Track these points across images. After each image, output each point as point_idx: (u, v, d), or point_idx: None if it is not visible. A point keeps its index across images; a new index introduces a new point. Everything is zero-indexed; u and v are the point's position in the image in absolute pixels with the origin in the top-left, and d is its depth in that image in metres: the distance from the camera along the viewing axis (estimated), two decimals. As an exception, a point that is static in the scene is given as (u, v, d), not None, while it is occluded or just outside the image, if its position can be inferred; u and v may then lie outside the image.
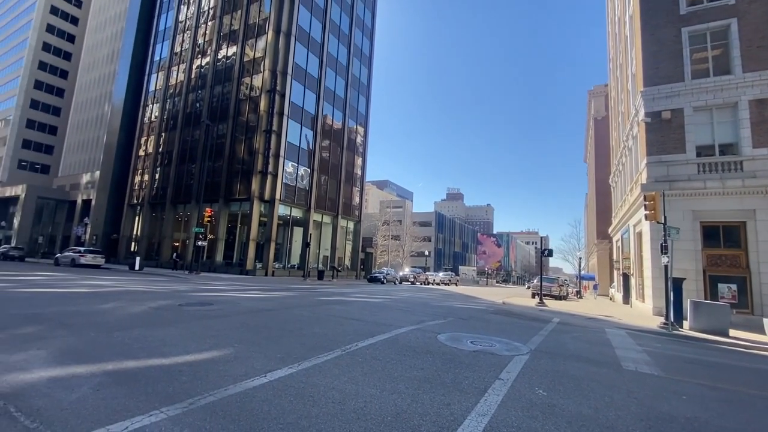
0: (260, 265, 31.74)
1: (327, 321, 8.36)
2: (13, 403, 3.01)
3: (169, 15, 44.98)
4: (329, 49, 40.41)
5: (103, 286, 13.53)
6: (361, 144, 46.59)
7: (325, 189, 39.43)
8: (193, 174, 36.51)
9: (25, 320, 6.37)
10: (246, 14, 36.88)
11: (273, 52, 33.85)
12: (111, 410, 3.00)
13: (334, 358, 5.08)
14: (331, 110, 40.50)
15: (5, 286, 11.33)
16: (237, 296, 12.57)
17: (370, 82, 48.73)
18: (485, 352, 6.25)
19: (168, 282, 17.95)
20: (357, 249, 45.28)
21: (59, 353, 4.50)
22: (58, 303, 8.60)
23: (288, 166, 34.19)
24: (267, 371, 4.25)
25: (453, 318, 10.60)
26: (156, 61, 44.94)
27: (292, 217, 35.38)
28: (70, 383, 3.53)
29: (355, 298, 15.05)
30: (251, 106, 34.15)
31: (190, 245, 32.88)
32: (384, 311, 11.13)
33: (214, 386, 3.66)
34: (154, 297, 10.82)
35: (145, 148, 42.63)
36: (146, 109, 44.15)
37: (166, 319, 7.23)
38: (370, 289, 23.59)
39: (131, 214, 42.30)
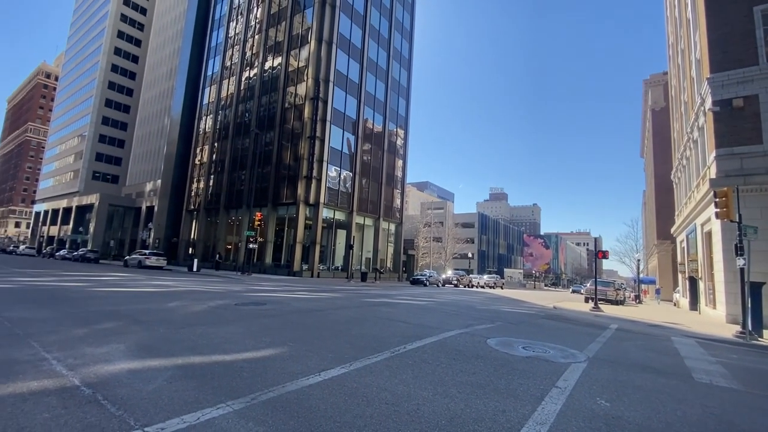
0: (306, 267, 32.76)
1: (374, 322, 8.46)
2: (101, 392, 3.34)
3: (219, 32, 47.93)
4: (369, 54, 40.97)
5: (167, 286, 14.64)
6: (401, 146, 46.69)
7: (367, 192, 39.92)
8: (243, 180, 38.53)
9: (104, 317, 7.05)
10: (290, 26, 38.39)
11: (316, 60, 34.93)
12: (183, 401, 3.24)
13: (384, 359, 5.13)
14: (371, 114, 41.00)
15: (86, 286, 12.61)
16: (287, 296, 13.06)
17: (410, 85, 48.74)
18: (539, 358, 6.01)
19: (223, 283, 19.04)
20: (399, 251, 45.36)
21: (135, 347, 4.93)
22: (131, 301, 9.43)
23: (331, 170, 35.04)
24: (321, 370, 4.38)
25: (502, 322, 10.29)
26: (209, 75, 48.02)
27: (335, 219, 36.19)
28: (147, 375, 3.85)
29: (399, 300, 15.09)
30: (296, 114, 35.44)
31: (242, 248, 34.68)
32: (430, 314, 11.05)
33: (273, 383, 3.83)
34: (212, 297, 11.54)
35: (201, 157, 45.62)
36: (201, 120, 47.28)
37: (224, 318, 7.69)
38: (413, 292, 23.52)
39: (189, 218, 45.39)
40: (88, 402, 3.09)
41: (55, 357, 4.29)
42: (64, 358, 4.29)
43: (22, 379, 3.53)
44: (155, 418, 2.89)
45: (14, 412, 2.81)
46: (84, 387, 3.41)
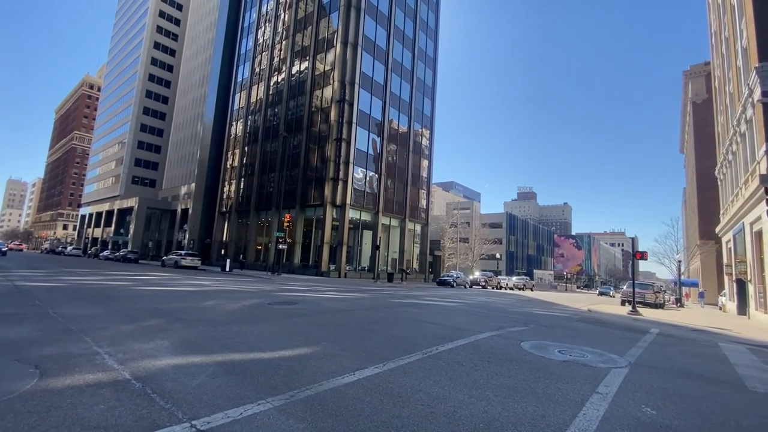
0: (333, 267, 33.17)
1: (404, 323, 8.46)
2: (150, 386, 3.52)
3: (249, 39, 49.40)
4: (394, 55, 41.05)
5: (203, 285, 15.22)
6: (427, 146, 46.46)
7: (392, 192, 39.98)
8: (272, 182, 39.52)
9: (148, 314, 7.42)
10: (316, 30, 39.06)
11: (341, 63, 35.35)
12: (226, 397, 3.36)
13: (417, 360, 5.12)
14: (396, 115, 41.05)
15: (129, 285, 13.31)
16: (316, 296, 13.28)
17: (435, 84, 48.44)
18: (577, 362, 5.82)
19: (254, 282, 19.59)
20: (425, 252, 45.11)
21: (178, 344, 5.16)
22: (171, 300, 9.88)
23: (357, 171, 35.35)
24: (355, 369, 4.42)
25: (535, 325, 10.04)
26: (239, 81, 49.60)
27: (361, 220, 36.46)
28: (191, 371, 4.02)
29: (427, 302, 15.01)
30: (322, 117, 36.00)
31: (271, 248, 35.56)
32: (459, 315, 10.93)
33: (310, 381, 3.90)
34: (246, 296, 11.90)
35: (232, 161, 47.17)
36: (232, 125, 48.89)
37: (259, 317, 7.91)
38: (441, 293, 23.32)
39: (221, 220, 47.02)
40: (138, 395, 3.26)
41: (106, 351, 4.56)
42: (114, 352, 4.55)
43: (78, 372, 3.77)
44: (201, 412, 3.01)
45: (74, 404, 3.00)
46: (134, 381, 3.60)
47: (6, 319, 6.14)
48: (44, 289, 10.60)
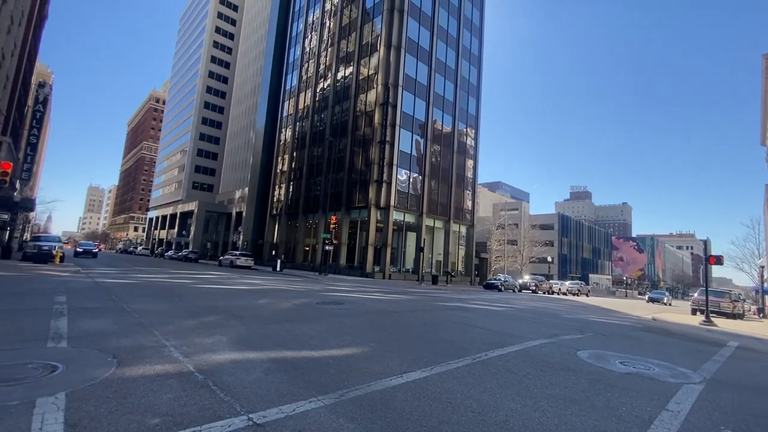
0: (378, 269, 33.45)
1: (450, 327, 8.31)
2: (211, 378, 3.74)
3: (296, 48, 51.42)
4: (437, 54, 40.70)
5: (256, 284, 16.01)
6: (472, 146, 45.47)
7: (437, 194, 39.57)
8: (319, 186, 40.74)
9: (208, 311, 7.94)
10: (360, 36, 39.75)
11: (385, 66, 35.66)
12: (279, 393, 3.49)
13: (466, 365, 5.00)
14: (440, 115, 40.62)
15: (190, 282, 14.33)
16: (362, 297, 13.45)
17: (480, 82, 47.32)
18: (641, 375, 5.37)
19: (303, 282, 20.28)
20: (470, 254, 44.12)
21: (235, 340, 5.46)
22: (228, 297, 10.49)
23: (401, 173, 35.42)
24: (402, 372, 4.41)
25: (592, 333, 9.42)
26: (287, 89, 51.75)
27: (405, 222, 36.45)
28: (247, 366, 4.23)
29: (474, 305, 14.65)
30: (366, 120, 36.53)
31: (318, 249, 36.63)
32: (509, 321, 10.55)
33: (358, 381, 3.95)
34: (296, 295, 12.34)
35: (281, 166, 49.29)
36: (281, 132, 51.11)
37: (308, 316, 8.16)
38: (488, 297, 22.67)
39: (272, 222, 49.26)
40: (201, 387, 3.48)
41: (172, 345, 4.93)
42: (179, 345, 4.91)
43: (149, 362, 4.11)
44: (257, 406, 3.15)
45: (146, 392, 3.27)
46: (197, 373, 3.86)
47: (89, 313, 6.86)
48: (119, 286, 11.72)
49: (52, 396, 3.02)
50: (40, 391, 3.09)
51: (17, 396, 2.97)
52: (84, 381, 3.40)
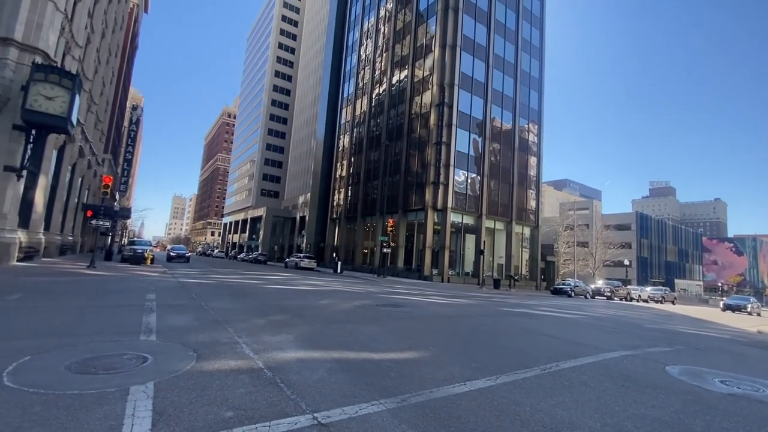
0: (436, 272, 33.01)
1: (516, 334, 7.88)
2: (279, 376, 3.90)
3: (352, 57, 52.91)
4: (495, 50, 39.33)
5: (318, 285, 16.63)
6: (535, 142, 43.14)
7: (497, 194, 38.10)
8: (376, 189, 41.37)
9: (276, 310, 8.37)
10: (414, 38, 39.79)
11: (440, 67, 35.27)
12: (342, 394, 3.52)
13: (534, 376, 4.68)
14: (499, 112, 39.14)
15: (259, 283, 15.28)
16: (421, 300, 13.32)
17: (542, 75, 44.80)
18: (749, 398, 4.61)
19: (363, 284, 20.65)
20: (535, 257, 41.77)
21: (300, 339, 5.67)
22: (293, 297, 11.00)
23: (458, 174, 34.69)
24: (466, 379, 4.24)
25: (682, 346, 8.35)
26: (345, 97, 53.41)
27: (464, 224, 35.57)
28: (311, 365, 4.35)
29: (541, 312, 13.79)
30: (422, 122, 36.37)
31: (376, 252, 37.14)
32: (582, 329, 9.74)
33: (420, 387, 3.86)
34: (356, 297, 12.58)
35: (340, 172, 50.92)
36: (339, 139, 52.85)
37: (368, 317, 8.25)
38: (557, 303, 21.24)
39: (333, 226, 51.01)
40: (269, 383, 3.64)
41: (244, 341, 5.25)
42: (250, 342, 5.20)
43: (224, 357, 4.40)
44: (321, 405, 3.21)
45: (221, 386, 3.49)
46: (266, 370, 4.05)
47: (173, 310, 7.58)
48: (198, 285, 12.86)
49: (143, 385, 3.34)
50: (133, 380, 3.45)
51: (115, 383, 3.34)
52: (169, 372, 3.73)
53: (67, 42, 18.98)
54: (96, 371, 3.60)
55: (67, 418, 2.65)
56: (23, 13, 14.92)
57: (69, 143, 21.68)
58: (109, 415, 2.75)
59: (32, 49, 15.06)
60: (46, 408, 2.78)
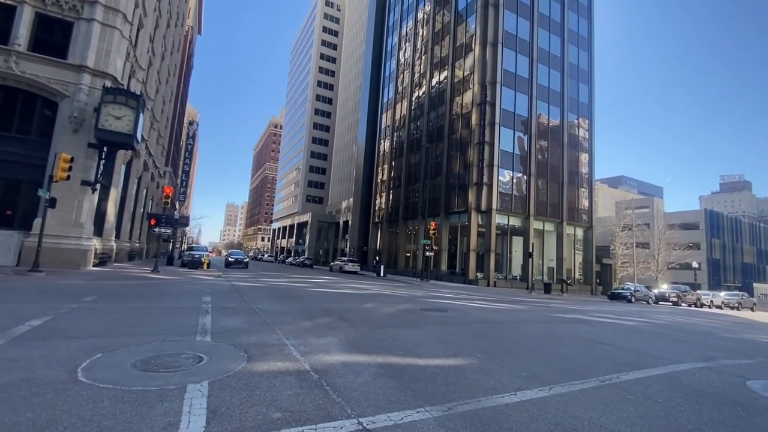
0: (481, 276, 32.10)
1: (570, 342, 7.41)
2: (324, 378, 3.94)
3: (391, 62, 53.30)
4: (539, 44, 37.80)
5: (362, 289, 16.78)
6: (585, 138, 40.76)
7: (545, 194, 36.40)
8: (417, 192, 41.18)
9: (321, 313, 8.54)
10: (453, 38, 39.29)
11: (481, 65, 34.49)
12: (387, 399, 3.48)
13: (593, 388, 4.34)
14: (546, 108, 37.47)
15: (306, 286, 15.71)
16: (466, 305, 12.99)
17: (592, 67, 42.33)
18: None
19: (406, 288, 20.56)
20: (590, 260, 39.31)
21: (345, 342, 5.71)
22: (338, 300, 11.17)
23: (503, 174, 33.60)
24: (516, 389, 4.03)
25: (765, 358, 7.41)
26: (384, 102, 53.87)
27: (510, 226, 34.33)
28: (355, 369, 4.36)
29: (597, 318, 12.91)
30: (463, 123, 35.72)
31: (419, 255, 36.89)
32: (645, 338, 8.98)
33: (467, 395, 3.72)
34: (399, 300, 12.53)
35: (381, 176, 51.32)
36: (380, 144, 53.33)
37: (412, 322, 8.16)
38: (615, 309, 19.82)
39: (375, 230, 51.46)
40: (316, 386, 3.68)
41: (291, 344, 5.38)
42: (297, 345, 5.33)
43: (272, 359, 4.54)
44: (366, 410, 3.18)
45: (270, 387, 3.59)
46: (312, 372, 4.11)
47: (226, 312, 7.97)
48: (250, 288, 13.47)
49: (199, 384, 3.52)
50: (190, 379, 3.64)
51: (174, 381, 3.55)
52: (222, 372, 3.90)
53: (132, 66, 20.85)
54: (158, 369, 3.85)
55: (131, 413, 2.85)
56: (94, 41, 16.62)
57: (135, 158, 23.75)
58: (169, 411, 2.91)
59: (102, 74, 16.71)
60: (114, 403, 3.00)
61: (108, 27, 17.05)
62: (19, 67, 15.43)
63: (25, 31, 15.74)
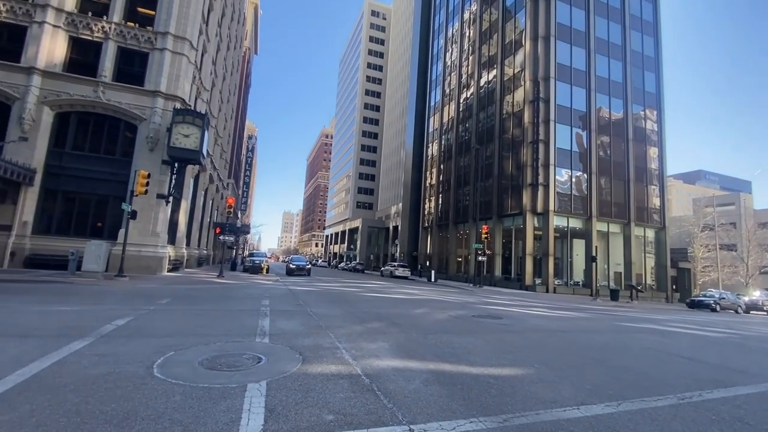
0: (539, 281, 30.48)
1: (641, 354, 6.77)
2: (375, 383, 3.96)
3: (438, 65, 52.95)
4: (597, 33, 35.41)
5: (412, 294, 16.70)
6: (654, 131, 37.31)
7: (609, 193, 33.79)
8: (467, 195, 40.26)
9: (372, 317, 8.62)
10: (502, 36, 38.13)
11: (532, 61, 33.07)
12: (438, 407, 3.41)
13: (669, 406, 3.92)
14: (606, 101, 34.91)
15: (357, 291, 15.97)
16: (522, 312, 12.40)
17: (659, 53, 38.77)
18: None
19: (457, 293, 20.12)
20: (663, 264, 35.72)
21: (396, 347, 5.71)
22: (389, 306, 11.21)
23: (560, 174, 31.75)
24: (579, 403, 3.75)
25: None
26: (431, 105, 53.56)
27: (569, 228, 32.28)
28: (407, 375, 4.33)
29: (674, 328, 11.67)
30: (515, 122, 34.39)
31: (471, 260, 35.95)
32: (733, 351, 7.95)
33: (524, 407, 3.54)
34: (451, 306, 12.28)
35: (430, 180, 50.92)
36: (428, 147, 53.03)
37: (464, 329, 7.95)
38: (695, 318, 17.81)
39: (425, 235, 51.09)
40: (367, 390, 3.71)
41: (344, 347, 5.49)
42: (349, 348, 5.42)
43: (325, 362, 4.65)
44: (418, 417, 3.15)
45: (323, 389, 3.68)
46: (364, 376, 4.15)
47: (283, 315, 8.33)
48: (305, 292, 13.98)
49: (257, 383, 3.70)
50: (250, 378, 3.85)
51: (236, 380, 3.77)
52: (279, 373, 4.07)
53: (197, 87, 22.79)
54: (221, 368, 4.11)
55: (198, 407, 3.07)
56: (166, 68, 18.43)
57: (202, 172, 25.84)
58: (231, 408, 3.09)
59: (173, 97, 18.45)
60: (183, 398, 3.26)
61: (177, 54, 18.83)
62: (106, 96, 17.55)
63: (109, 63, 17.89)
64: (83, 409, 2.92)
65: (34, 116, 16.57)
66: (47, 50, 17.08)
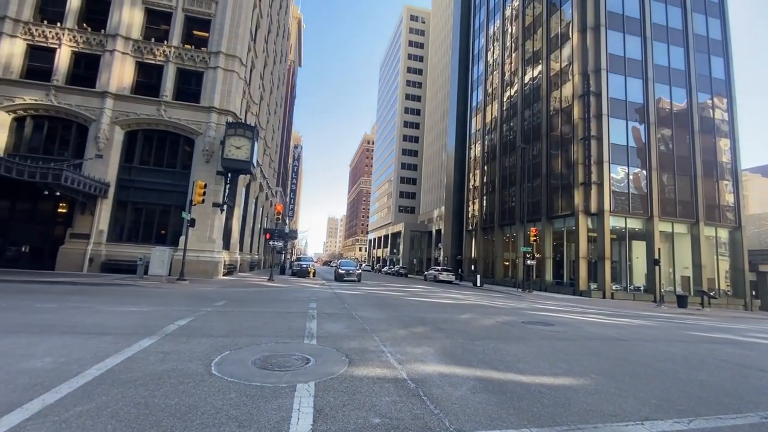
0: (595, 286, 28.63)
1: (715, 366, 6.12)
2: (421, 388, 3.92)
3: (479, 64, 51.88)
4: (653, 19, 32.90)
5: (457, 299, 16.38)
6: (724, 120, 33.83)
7: (672, 190, 31.08)
8: (513, 197, 38.87)
9: (416, 322, 8.57)
10: (546, 30, 36.63)
11: (581, 53, 31.40)
12: (487, 416, 3.30)
13: (750, 425, 3.50)
14: (666, 91, 32.24)
15: (401, 295, 15.96)
16: (577, 319, 11.72)
17: (727, 35, 35.19)
18: None
19: (505, 298, 19.44)
20: (739, 267, 32.12)
21: (441, 352, 5.62)
22: (433, 310, 11.09)
23: (615, 171, 29.73)
24: (643, 418, 3.46)
25: None
26: (473, 106, 52.52)
27: (628, 229, 30.07)
28: (453, 381, 4.25)
29: (755, 339, 10.45)
30: (563, 118, 32.77)
31: (519, 264, 34.62)
32: (830, 366, 6.94)
33: (580, 419, 3.33)
34: (498, 312, 11.89)
35: (473, 182, 49.83)
36: (470, 149, 51.98)
37: (513, 335, 7.66)
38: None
39: (469, 238, 50.01)
40: (413, 395, 3.69)
41: (389, 351, 5.50)
42: (394, 352, 5.43)
43: (371, 365, 4.69)
44: (465, 425, 3.07)
45: (369, 392, 3.71)
46: (409, 381, 4.13)
47: (329, 317, 8.52)
48: (349, 296, 14.21)
49: (306, 384, 3.82)
50: (299, 378, 3.97)
51: (286, 380, 3.91)
52: (326, 374, 4.17)
53: (247, 102, 24.12)
54: (272, 368, 4.29)
55: (252, 405, 3.22)
56: (219, 85, 19.73)
57: (252, 181, 27.24)
58: (281, 407, 3.21)
59: (226, 111, 19.68)
60: (238, 395, 3.43)
61: (228, 71, 20.11)
62: (167, 114, 19.11)
63: (170, 84, 19.48)
64: (151, 402, 3.17)
65: (107, 135, 18.44)
66: (117, 75, 18.96)
